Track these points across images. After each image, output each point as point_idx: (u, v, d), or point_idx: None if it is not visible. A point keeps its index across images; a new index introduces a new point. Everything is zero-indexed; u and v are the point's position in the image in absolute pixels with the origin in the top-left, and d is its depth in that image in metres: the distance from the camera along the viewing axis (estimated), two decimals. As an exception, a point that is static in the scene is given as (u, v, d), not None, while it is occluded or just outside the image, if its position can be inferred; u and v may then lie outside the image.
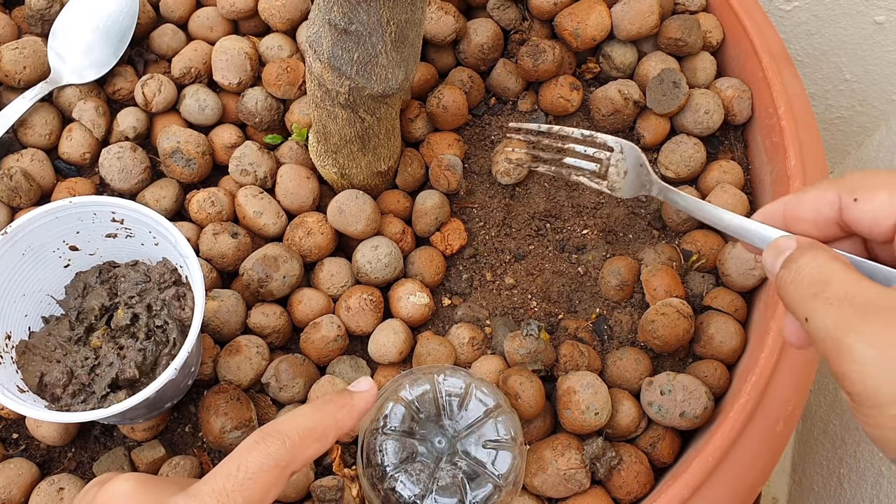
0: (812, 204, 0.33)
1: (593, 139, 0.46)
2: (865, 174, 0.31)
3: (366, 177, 0.55)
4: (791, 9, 0.80)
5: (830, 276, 0.30)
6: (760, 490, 0.48)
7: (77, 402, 0.45)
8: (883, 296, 0.28)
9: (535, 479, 0.47)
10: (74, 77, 0.57)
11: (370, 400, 0.41)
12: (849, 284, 0.29)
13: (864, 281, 0.29)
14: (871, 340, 0.27)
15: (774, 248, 0.33)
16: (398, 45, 0.47)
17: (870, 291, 0.28)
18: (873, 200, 0.31)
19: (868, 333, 0.27)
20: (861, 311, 0.28)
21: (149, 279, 0.48)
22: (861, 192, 0.31)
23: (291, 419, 0.37)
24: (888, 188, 0.30)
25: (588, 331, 0.54)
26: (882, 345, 0.27)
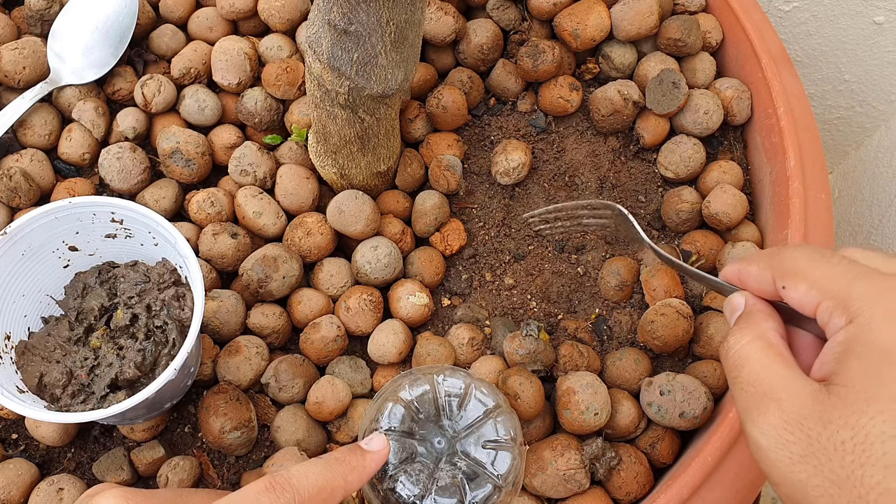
0: (755, 281, 0.36)
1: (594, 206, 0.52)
2: (793, 257, 0.34)
3: (365, 177, 0.55)
4: (790, 9, 0.80)
5: (745, 361, 0.33)
6: (760, 490, 0.48)
7: (76, 402, 0.45)
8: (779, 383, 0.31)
9: (535, 480, 0.47)
10: (74, 77, 0.57)
11: (381, 461, 0.41)
12: (758, 371, 0.32)
13: (775, 364, 0.32)
14: (762, 429, 0.31)
15: (728, 305, 0.37)
16: (398, 45, 0.47)
17: (773, 377, 0.32)
18: (796, 290, 0.33)
19: (760, 422, 0.31)
20: (758, 399, 0.32)
21: (148, 279, 0.48)
22: (787, 280, 0.34)
23: (304, 475, 0.37)
24: (807, 282, 0.33)
25: (587, 331, 0.54)
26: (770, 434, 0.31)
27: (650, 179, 0.60)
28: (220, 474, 0.49)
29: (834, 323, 0.31)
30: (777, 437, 0.30)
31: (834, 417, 0.29)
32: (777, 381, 0.31)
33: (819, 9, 0.79)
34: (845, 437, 0.29)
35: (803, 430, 0.30)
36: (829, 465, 0.29)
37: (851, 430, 0.29)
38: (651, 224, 0.58)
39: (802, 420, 0.30)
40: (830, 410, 0.29)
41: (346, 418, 0.50)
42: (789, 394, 0.31)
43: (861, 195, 0.86)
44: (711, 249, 0.55)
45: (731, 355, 0.34)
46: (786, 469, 0.30)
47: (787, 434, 0.30)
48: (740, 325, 0.35)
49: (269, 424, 0.50)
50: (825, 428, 0.29)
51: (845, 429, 0.29)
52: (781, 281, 0.34)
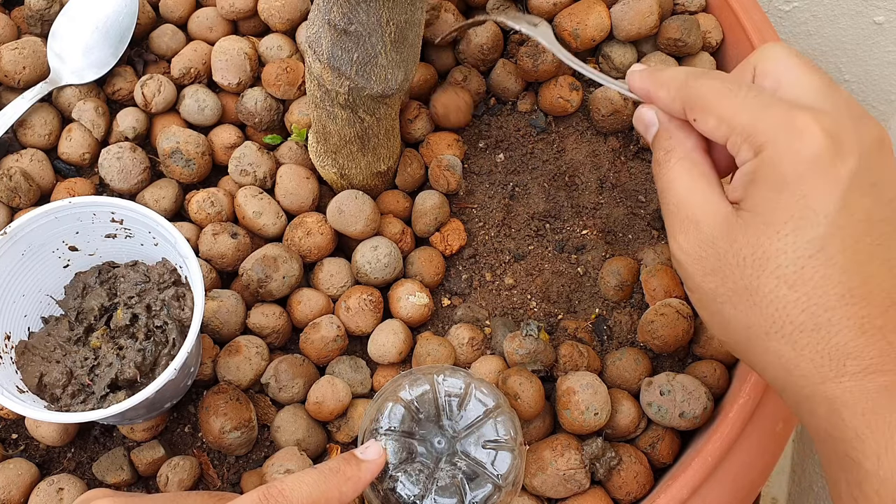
0: (665, 107, 0.38)
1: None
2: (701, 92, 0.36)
3: (365, 177, 0.55)
4: (790, 9, 0.80)
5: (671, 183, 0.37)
6: (760, 490, 0.48)
7: (76, 402, 0.45)
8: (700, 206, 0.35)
9: (535, 480, 0.47)
10: (74, 77, 0.57)
11: (377, 470, 0.41)
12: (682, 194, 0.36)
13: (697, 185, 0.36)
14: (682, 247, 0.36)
15: (639, 119, 0.40)
16: (398, 45, 0.47)
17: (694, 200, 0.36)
18: (706, 124, 0.35)
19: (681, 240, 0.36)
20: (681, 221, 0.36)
21: (148, 279, 0.48)
22: (696, 113, 0.36)
23: (298, 486, 0.37)
24: (715, 116, 0.35)
25: (587, 331, 0.54)
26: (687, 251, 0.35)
27: (650, 179, 0.60)
28: (220, 474, 0.49)
29: (742, 155, 0.34)
30: (693, 253, 0.35)
31: (738, 237, 0.34)
32: (697, 203, 0.35)
33: (819, 9, 0.79)
34: (746, 254, 0.33)
35: (714, 247, 0.34)
36: (731, 278, 0.34)
37: (752, 248, 0.33)
38: (651, 224, 0.58)
39: (714, 239, 0.34)
40: (736, 231, 0.34)
41: (346, 418, 0.50)
42: (705, 215, 0.35)
43: (861, 195, 0.86)
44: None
45: (661, 177, 0.37)
46: (699, 280, 0.35)
47: (701, 251, 0.35)
48: (664, 145, 0.38)
49: (269, 424, 0.50)
50: (731, 246, 0.34)
51: (746, 247, 0.33)
52: (692, 113, 0.36)
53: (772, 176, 0.33)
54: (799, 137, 0.32)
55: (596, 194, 0.59)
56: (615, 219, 0.58)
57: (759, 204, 0.33)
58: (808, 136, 0.32)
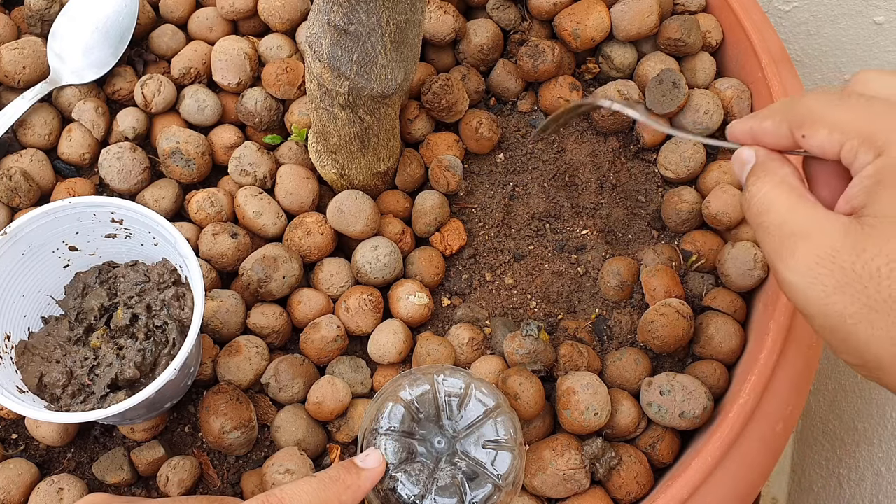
0: (772, 136, 0.36)
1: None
2: (809, 105, 0.34)
3: (365, 177, 0.55)
4: (790, 9, 0.80)
5: (769, 205, 0.34)
6: (760, 490, 0.48)
7: (76, 402, 0.45)
8: (808, 221, 0.32)
9: (535, 480, 0.47)
10: (74, 77, 0.57)
11: (377, 478, 0.41)
12: (784, 213, 0.33)
13: (800, 205, 0.33)
14: (793, 268, 0.32)
15: (738, 159, 0.37)
16: (398, 45, 0.47)
17: (800, 216, 0.33)
18: (817, 136, 0.33)
19: (790, 262, 0.32)
20: (787, 240, 0.32)
21: (148, 279, 0.48)
22: (805, 128, 0.34)
23: (298, 494, 0.37)
24: (827, 126, 0.33)
25: (587, 331, 0.54)
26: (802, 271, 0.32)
27: (650, 179, 0.60)
28: (220, 474, 0.49)
29: (860, 160, 0.32)
30: (809, 272, 0.31)
31: (868, 246, 0.30)
32: (804, 219, 0.32)
33: (819, 9, 0.79)
34: (881, 264, 0.30)
35: (836, 262, 0.31)
36: (865, 293, 0.30)
37: (886, 256, 0.30)
38: (651, 224, 0.58)
39: (835, 253, 0.31)
40: (864, 240, 0.30)
41: (346, 418, 0.50)
42: (819, 229, 0.32)
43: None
44: (711, 249, 0.55)
45: (754, 202, 0.34)
46: (821, 303, 0.31)
47: (820, 268, 0.31)
48: (758, 173, 0.35)
49: (269, 424, 0.50)
50: (859, 257, 0.30)
51: (880, 256, 0.30)
52: (800, 130, 0.34)
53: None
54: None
55: (596, 194, 0.59)
56: (615, 219, 0.58)
57: (891, 207, 0.30)
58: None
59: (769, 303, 0.50)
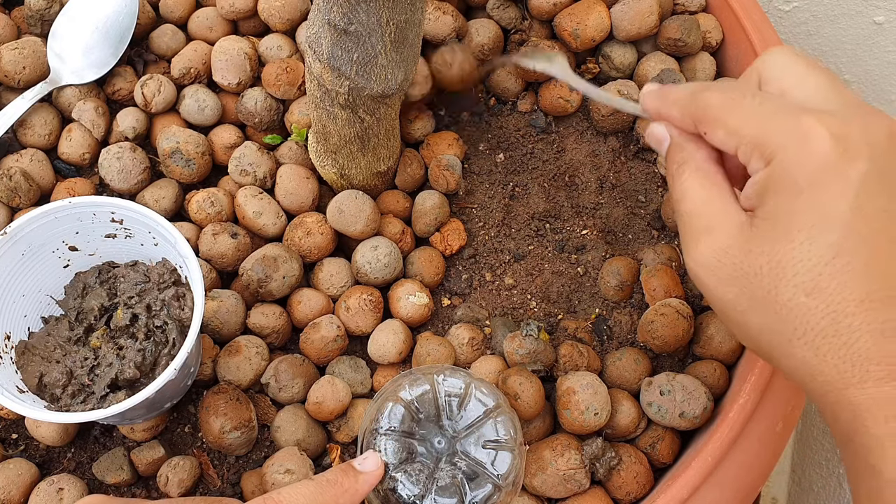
0: (679, 124, 0.38)
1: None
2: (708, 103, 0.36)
3: (365, 177, 0.55)
4: (790, 9, 0.80)
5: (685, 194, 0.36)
6: (760, 490, 0.48)
7: (76, 402, 0.45)
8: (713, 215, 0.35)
9: (535, 480, 0.47)
10: (74, 77, 0.57)
11: (375, 482, 0.41)
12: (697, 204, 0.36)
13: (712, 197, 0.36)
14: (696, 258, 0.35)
15: (652, 136, 0.39)
16: (398, 45, 0.47)
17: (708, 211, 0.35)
18: (715, 136, 0.35)
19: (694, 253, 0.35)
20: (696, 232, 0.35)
21: (148, 279, 0.48)
22: (705, 126, 0.36)
23: (295, 497, 0.37)
24: (724, 128, 0.35)
25: (587, 331, 0.54)
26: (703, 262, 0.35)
27: (650, 179, 0.60)
28: (220, 474, 0.49)
29: (753, 165, 0.34)
30: (708, 263, 0.35)
31: (754, 247, 0.33)
32: (711, 213, 0.35)
33: (819, 9, 0.79)
34: (762, 263, 0.33)
35: (729, 257, 0.34)
36: (749, 287, 0.34)
37: (767, 257, 0.33)
38: (651, 224, 0.58)
39: (728, 249, 0.34)
40: (751, 241, 0.34)
41: (346, 418, 0.50)
42: (720, 224, 0.35)
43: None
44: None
45: (675, 189, 0.37)
46: (716, 290, 0.35)
47: (716, 261, 0.35)
48: (676, 158, 0.37)
49: (269, 424, 0.50)
50: (746, 256, 0.34)
51: (762, 256, 0.33)
52: (702, 127, 0.36)
53: (784, 184, 0.33)
54: (807, 143, 0.32)
55: (596, 194, 0.59)
56: (615, 219, 0.58)
57: (773, 212, 0.33)
58: (815, 141, 0.32)
59: (769, 303, 0.50)
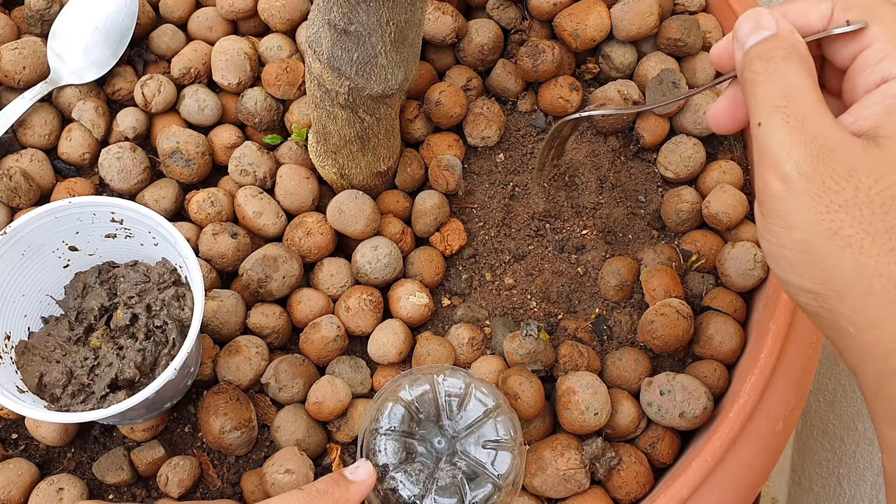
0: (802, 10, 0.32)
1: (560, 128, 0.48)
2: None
3: (365, 177, 0.55)
4: (790, 9, 0.80)
5: (798, 93, 0.30)
6: (760, 490, 0.48)
7: (76, 402, 0.45)
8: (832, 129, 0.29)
9: (535, 480, 0.47)
10: (74, 77, 0.57)
11: (366, 491, 0.40)
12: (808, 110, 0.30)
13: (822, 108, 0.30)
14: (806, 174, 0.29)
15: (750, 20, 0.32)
16: (398, 45, 0.47)
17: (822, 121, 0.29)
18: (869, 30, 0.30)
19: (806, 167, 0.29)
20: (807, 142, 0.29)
21: (148, 279, 0.48)
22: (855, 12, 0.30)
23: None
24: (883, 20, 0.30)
25: (587, 331, 0.54)
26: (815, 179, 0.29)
27: (650, 179, 0.60)
28: (220, 474, 0.49)
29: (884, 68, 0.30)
30: (816, 179, 0.29)
31: (888, 173, 0.28)
32: (830, 126, 0.29)
33: (819, 9, 0.79)
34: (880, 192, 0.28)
35: (852, 182, 0.29)
36: (870, 218, 0.29)
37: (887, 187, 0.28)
38: (651, 224, 0.58)
39: (854, 171, 0.29)
40: (885, 166, 0.29)
41: (346, 418, 0.50)
42: (843, 144, 0.29)
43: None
44: (711, 249, 0.55)
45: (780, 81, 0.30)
46: (817, 216, 0.29)
47: (833, 183, 0.29)
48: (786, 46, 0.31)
49: (269, 424, 0.50)
50: (876, 182, 0.29)
51: (879, 184, 0.28)
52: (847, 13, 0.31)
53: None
54: None
55: (596, 194, 0.59)
56: (615, 219, 0.58)
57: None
58: None
59: (769, 303, 0.50)
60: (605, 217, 0.58)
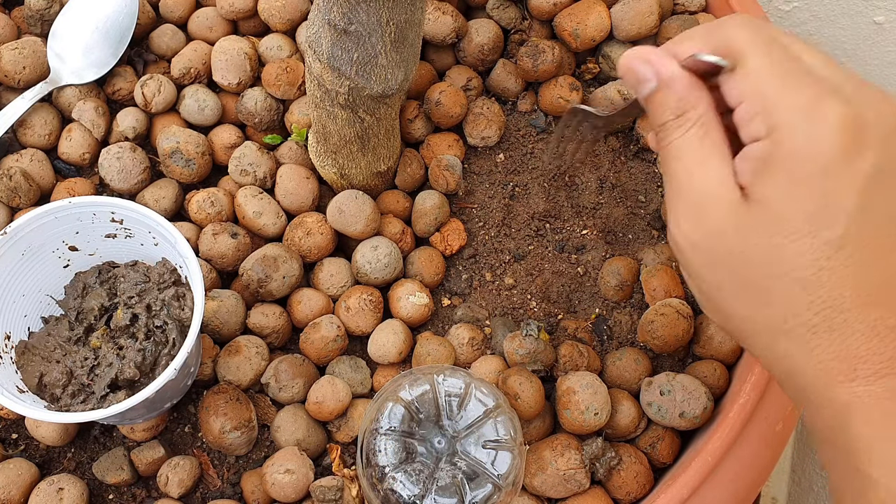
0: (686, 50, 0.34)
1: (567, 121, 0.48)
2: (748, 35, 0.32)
3: (365, 177, 0.55)
4: (790, 9, 0.80)
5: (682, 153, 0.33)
6: (760, 490, 0.48)
7: (76, 402, 0.45)
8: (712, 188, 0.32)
9: (535, 480, 0.47)
10: (74, 77, 0.57)
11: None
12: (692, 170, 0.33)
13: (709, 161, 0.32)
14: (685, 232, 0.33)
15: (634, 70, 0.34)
16: (398, 45, 0.47)
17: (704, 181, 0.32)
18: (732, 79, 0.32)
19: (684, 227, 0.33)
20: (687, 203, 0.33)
21: (148, 279, 0.48)
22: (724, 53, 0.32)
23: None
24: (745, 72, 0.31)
25: (587, 331, 0.54)
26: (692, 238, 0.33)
27: (650, 179, 0.60)
28: (220, 474, 0.49)
29: (752, 129, 0.31)
30: (697, 242, 0.33)
31: (751, 233, 0.31)
32: (708, 188, 0.32)
33: (819, 9, 0.79)
34: (759, 252, 0.31)
35: (723, 241, 0.32)
36: (742, 274, 0.32)
37: (765, 247, 0.31)
38: (651, 224, 0.58)
39: (723, 233, 0.32)
40: (749, 226, 0.31)
41: (346, 418, 0.50)
42: (716, 204, 0.32)
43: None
44: (711, 249, 0.55)
45: (669, 142, 0.33)
46: (702, 270, 0.33)
47: (707, 242, 0.32)
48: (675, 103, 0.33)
49: (269, 424, 0.50)
50: (742, 241, 0.31)
51: (760, 245, 0.31)
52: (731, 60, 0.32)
53: (787, 166, 0.30)
54: (819, 125, 0.30)
55: (596, 194, 0.59)
56: (615, 219, 0.58)
57: (773, 197, 0.31)
58: (828, 126, 0.30)
59: (769, 303, 0.50)
60: (605, 217, 0.58)
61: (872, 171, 0.30)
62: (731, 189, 0.32)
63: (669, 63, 0.33)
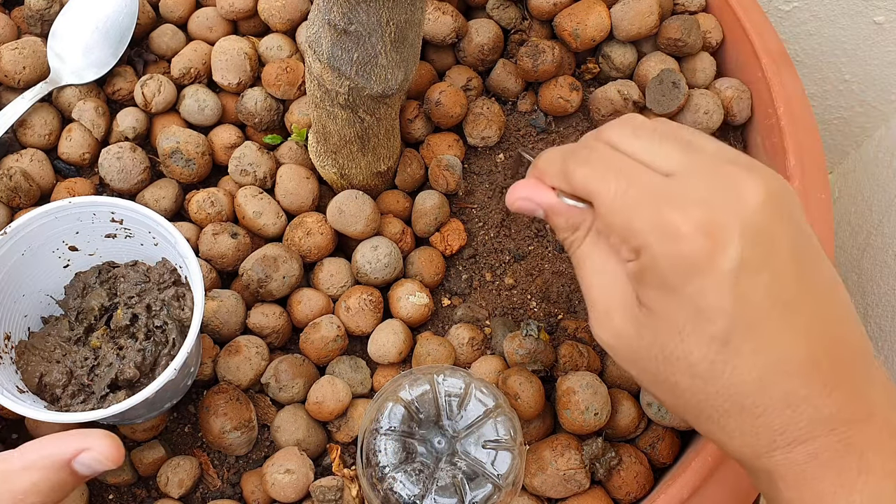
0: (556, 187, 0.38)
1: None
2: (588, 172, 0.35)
3: (365, 177, 0.55)
4: (790, 9, 0.80)
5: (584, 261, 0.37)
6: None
7: (76, 402, 0.45)
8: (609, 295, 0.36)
9: (535, 480, 0.47)
10: (74, 77, 0.57)
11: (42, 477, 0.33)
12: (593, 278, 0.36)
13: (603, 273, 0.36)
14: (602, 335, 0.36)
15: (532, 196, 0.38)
16: (398, 45, 0.47)
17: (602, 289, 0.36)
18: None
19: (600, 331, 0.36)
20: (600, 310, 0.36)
21: (148, 279, 0.48)
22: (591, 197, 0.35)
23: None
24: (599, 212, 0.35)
25: (587, 331, 0.54)
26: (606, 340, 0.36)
27: (650, 179, 0.59)
28: (220, 474, 0.49)
29: (622, 254, 0.34)
30: (609, 343, 0.36)
31: (645, 335, 0.34)
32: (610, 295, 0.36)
33: (819, 9, 0.79)
34: (657, 353, 0.34)
35: (625, 342, 0.35)
36: (649, 370, 0.34)
37: (659, 347, 0.33)
38: (651, 224, 0.58)
39: (624, 335, 0.35)
40: (643, 329, 0.34)
41: (346, 418, 0.50)
42: (617, 309, 0.35)
43: (861, 195, 0.86)
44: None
45: (573, 253, 0.37)
46: (623, 363, 0.36)
47: (616, 342, 0.36)
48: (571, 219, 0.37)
49: (269, 424, 0.50)
50: (640, 343, 0.34)
51: (655, 346, 0.34)
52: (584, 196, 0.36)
53: (657, 280, 0.33)
54: (672, 242, 0.32)
55: (596, 194, 0.59)
56: (615, 219, 0.58)
57: (654, 305, 0.33)
58: (680, 239, 0.31)
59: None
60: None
61: (737, 264, 0.31)
62: (629, 294, 0.35)
63: (546, 194, 0.38)
